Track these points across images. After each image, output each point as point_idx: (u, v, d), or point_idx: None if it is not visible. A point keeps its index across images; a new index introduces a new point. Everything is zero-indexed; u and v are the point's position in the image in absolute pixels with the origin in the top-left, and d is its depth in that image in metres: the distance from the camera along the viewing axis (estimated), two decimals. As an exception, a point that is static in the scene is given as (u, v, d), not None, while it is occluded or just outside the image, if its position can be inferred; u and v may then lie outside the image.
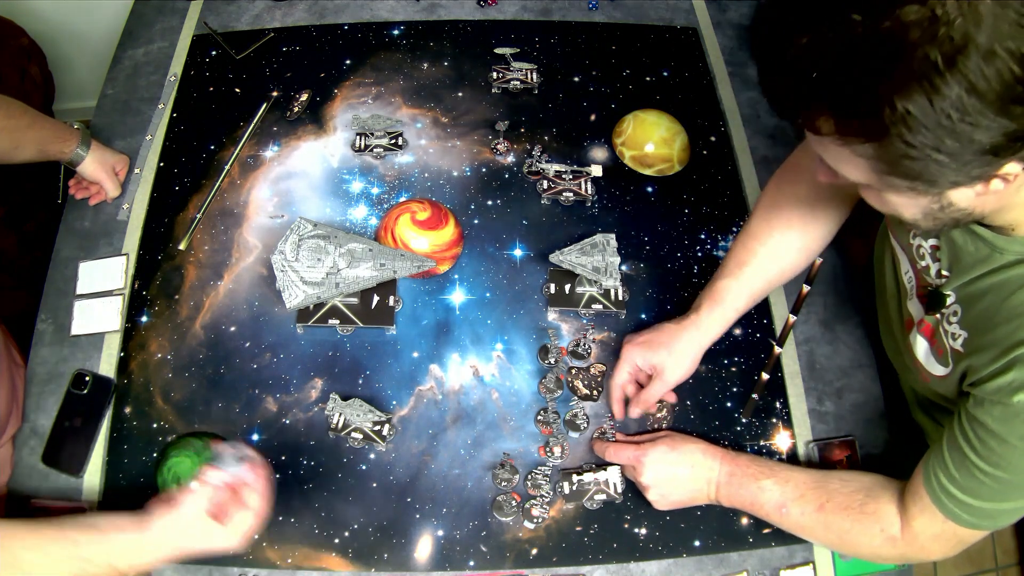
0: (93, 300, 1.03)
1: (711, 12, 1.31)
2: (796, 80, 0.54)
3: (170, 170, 1.13)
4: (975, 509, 0.71)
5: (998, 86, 0.48)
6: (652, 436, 0.92)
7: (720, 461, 0.86)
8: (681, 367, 0.91)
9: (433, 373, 0.98)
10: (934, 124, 0.50)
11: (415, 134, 1.16)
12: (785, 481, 0.83)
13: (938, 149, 0.51)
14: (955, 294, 0.74)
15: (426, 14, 1.29)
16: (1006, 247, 0.67)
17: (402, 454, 0.94)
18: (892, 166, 0.55)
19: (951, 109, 0.49)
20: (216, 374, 0.98)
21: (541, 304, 1.03)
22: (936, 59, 0.48)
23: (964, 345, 0.73)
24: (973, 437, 0.69)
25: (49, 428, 0.95)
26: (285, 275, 0.98)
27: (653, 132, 1.12)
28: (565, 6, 1.31)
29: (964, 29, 0.47)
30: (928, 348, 0.80)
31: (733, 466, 0.86)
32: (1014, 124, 0.50)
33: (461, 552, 0.89)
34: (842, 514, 0.80)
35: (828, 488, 0.81)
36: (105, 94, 1.22)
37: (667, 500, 0.88)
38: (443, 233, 1.00)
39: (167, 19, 1.29)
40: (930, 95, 0.48)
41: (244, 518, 0.77)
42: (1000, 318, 0.67)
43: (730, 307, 0.91)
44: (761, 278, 0.92)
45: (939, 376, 0.79)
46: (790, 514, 0.82)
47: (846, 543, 0.81)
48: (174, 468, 0.84)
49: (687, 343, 0.91)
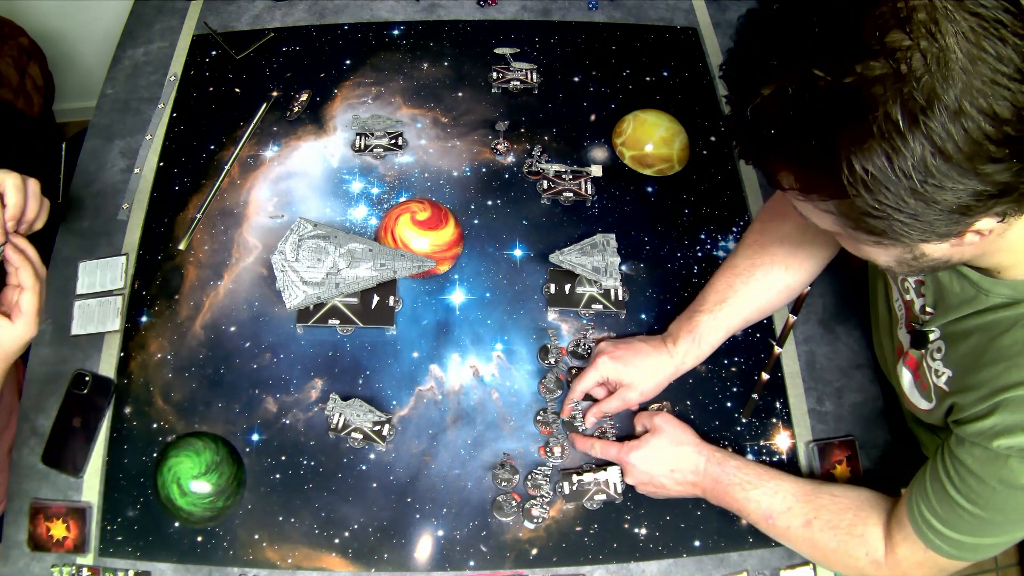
0: (93, 300, 1.03)
1: (711, 12, 1.31)
2: (757, 133, 0.52)
3: (170, 170, 1.13)
4: (955, 542, 0.70)
5: (966, 146, 0.46)
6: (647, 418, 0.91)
7: (707, 464, 0.86)
8: (647, 390, 0.92)
9: (433, 373, 0.98)
10: (895, 185, 0.48)
11: (415, 134, 1.16)
12: (774, 492, 0.82)
13: (899, 209, 0.49)
14: (939, 331, 0.74)
15: (426, 14, 1.29)
16: (992, 289, 0.65)
17: (402, 454, 0.94)
18: (856, 222, 0.53)
19: (912, 170, 0.47)
20: (216, 374, 0.98)
21: (541, 304, 1.03)
22: (897, 118, 0.46)
23: (948, 383, 0.73)
24: (954, 474, 0.69)
25: (49, 428, 0.95)
26: (285, 275, 0.98)
27: (653, 132, 1.12)
28: (565, 6, 1.31)
29: (931, 86, 0.45)
30: (912, 381, 0.80)
31: (721, 471, 0.85)
32: (983, 184, 0.48)
33: (461, 552, 0.89)
34: (829, 532, 0.79)
35: (817, 503, 0.81)
36: (105, 94, 1.22)
37: (656, 496, 0.90)
38: (443, 233, 1.00)
39: (167, 19, 1.29)
40: (890, 155, 0.47)
41: (27, 301, 0.75)
42: (985, 360, 0.66)
43: (706, 343, 0.91)
44: (739, 315, 0.91)
45: (924, 410, 0.79)
46: (776, 525, 0.82)
47: (830, 561, 0.81)
48: (174, 468, 0.84)
49: (659, 368, 0.92)
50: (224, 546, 0.89)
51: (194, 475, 0.84)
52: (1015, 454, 0.64)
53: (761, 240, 0.92)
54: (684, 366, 0.92)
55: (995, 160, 0.47)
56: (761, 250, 0.91)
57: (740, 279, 0.91)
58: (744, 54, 0.54)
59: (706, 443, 0.88)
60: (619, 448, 0.89)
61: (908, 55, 0.46)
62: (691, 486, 0.86)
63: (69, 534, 0.89)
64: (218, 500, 0.85)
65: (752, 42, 0.53)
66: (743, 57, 0.54)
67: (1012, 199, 0.50)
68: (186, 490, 0.84)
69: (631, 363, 0.91)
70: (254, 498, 0.91)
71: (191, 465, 0.84)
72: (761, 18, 0.53)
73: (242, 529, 0.90)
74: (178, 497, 0.84)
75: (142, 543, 0.89)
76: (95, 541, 0.90)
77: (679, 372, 0.93)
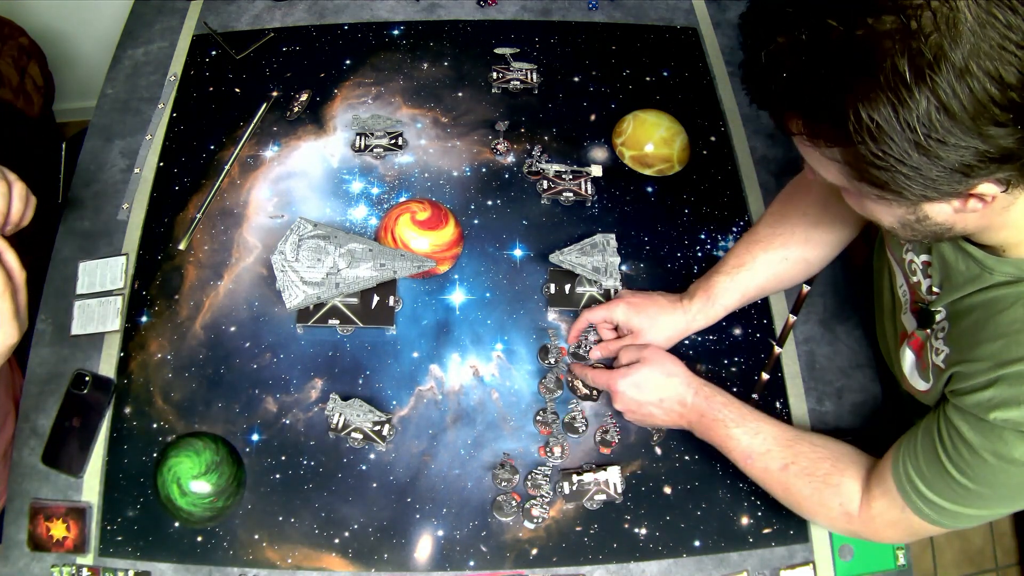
0: (93, 300, 1.03)
1: (711, 12, 1.31)
2: (769, 78, 0.55)
3: (170, 170, 1.13)
4: (937, 507, 0.71)
5: (971, 106, 0.48)
6: (631, 351, 0.92)
7: (694, 397, 0.87)
8: (657, 341, 0.94)
9: (433, 373, 0.98)
10: (899, 136, 0.49)
11: (415, 134, 1.16)
12: (755, 432, 0.84)
13: (902, 162, 0.51)
14: (945, 311, 0.74)
15: (426, 14, 1.29)
16: (995, 267, 0.66)
17: (402, 454, 0.94)
18: (860, 172, 0.55)
19: (917, 123, 0.48)
20: (216, 374, 0.98)
21: (541, 304, 1.03)
22: (904, 71, 0.47)
23: (945, 361, 0.73)
24: (948, 440, 0.69)
25: (49, 428, 0.95)
26: (285, 275, 0.98)
27: (653, 132, 1.12)
28: (565, 6, 1.31)
29: (939, 44, 0.47)
30: (914, 361, 0.80)
31: (706, 405, 0.86)
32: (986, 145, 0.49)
33: (461, 552, 0.89)
34: (804, 479, 0.80)
35: (796, 449, 0.82)
36: (105, 94, 1.22)
37: (643, 424, 0.93)
38: (443, 233, 1.00)
39: (167, 19, 1.29)
40: (896, 107, 0.48)
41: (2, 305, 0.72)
42: (985, 335, 0.67)
43: (720, 305, 0.93)
44: (756, 282, 0.93)
45: (921, 391, 0.79)
46: (754, 466, 0.84)
47: (803, 508, 0.83)
48: (174, 468, 0.84)
49: (672, 323, 0.94)
50: (224, 546, 0.89)
51: (194, 475, 0.84)
52: (1010, 427, 0.64)
53: (783, 211, 0.94)
54: (695, 324, 0.95)
55: (999, 124, 0.49)
56: (783, 219, 0.93)
57: (760, 246, 0.93)
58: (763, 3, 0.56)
59: (695, 376, 0.89)
60: (609, 375, 0.91)
61: (918, 12, 0.47)
62: (678, 416, 0.88)
63: (69, 534, 0.89)
64: (218, 500, 0.85)
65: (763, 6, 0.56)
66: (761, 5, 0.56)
67: (1015, 167, 0.52)
68: (186, 490, 0.84)
69: (645, 311, 0.95)
70: (254, 498, 0.91)
71: (191, 465, 0.84)
72: None
73: (242, 529, 0.90)
74: (178, 497, 0.84)
75: (142, 543, 0.89)
76: (95, 541, 0.90)
77: (689, 330, 0.96)
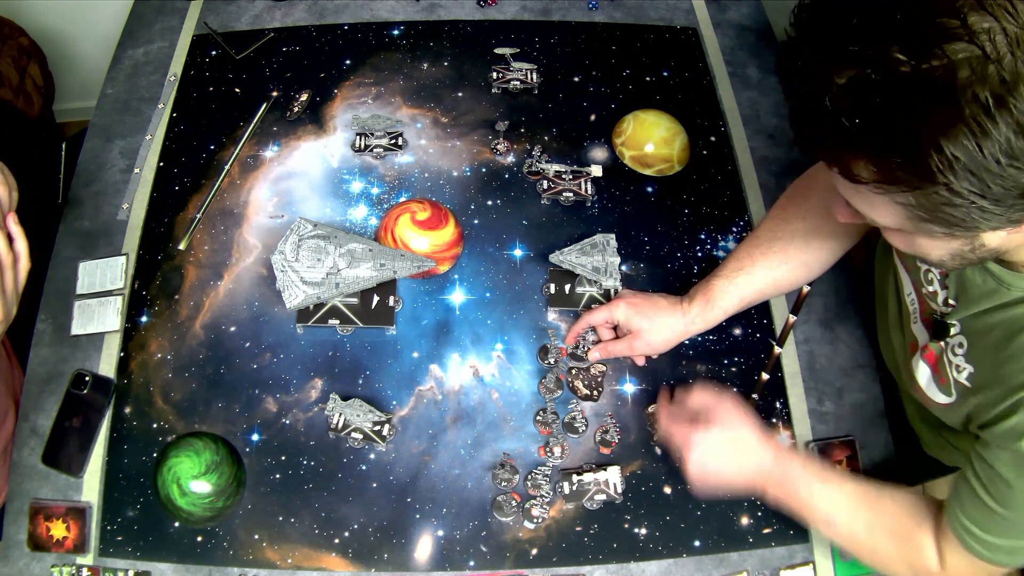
0: (93, 300, 1.03)
1: (711, 12, 1.31)
2: (834, 125, 0.50)
3: (170, 170, 1.13)
4: (991, 544, 0.70)
5: None
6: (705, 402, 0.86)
7: (773, 461, 0.82)
8: (655, 343, 0.94)
9: (433, 373, 0.98)
10: (981, 169, 0.47)
11: (415, 134, 1.16)
12: (839, 492, 0.79)
13: (983, 195, 0.49)
14: (960, 324, 0.73)
15: (426, 14, 1.29)
16: (1013, 283, 0.65)
17: (402, 454, 0.94)
18: (931, 213, 0.52)
19: (1000, 153, 0.46)
20: (216, 374, 0.98)
21: (541, 304, 1.03)
22: (986, 99, 0.45)
23: (970, 379, 0.72)
24: (984, 476, 0.68)
25: (49, 428, 0.95)
26: (285, 275, 0.98)
27: (653, 132, 1.12)
28: (565, 6, 1.31)
29: (1014, 66, 0.45)
30: (931, 375, 0.79)
31: (785, 467, 0.82)
32: None
33: (461, 552, 0.89)
34: (888, 538, 0.77)
35: (879, 508, 0.78)
36: (105, 94, 1.22)
37: (708, 485, 0.84)
38: (443, 233, 1.00)
39: (167, 19, 1.29)
40: (979, 138, 0.46)
41: None
42: (1005, 356, 0.66)
43: (719, 308, 0.92)
44: (755, 287, 0.92)
45: (942, 404, 0.78)
46: (836, 527, 0.80)
47: (886, 566, 0.79)
48: (174, 468, 0.84)
49: (671, 325, 0.93)
50: (224, 546, 0.89)
51: (194, 475, 0.84)
52: None
53: (784, 215, 0.93)
54: (693, 327, 0.93)
55: None
56: (783, 223, 0.92)
57: (759, 250, 0.92)
58: (812, 42, 0.51)
59: (767, 436, 0.84)
60: (685, 427, 0.84)
61: (992, 36, 0.45)
62: (752, 479, 0.83)
63: (69, 534, 0.89)
64: (218, 500, 0.85)
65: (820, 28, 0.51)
66: (811, 45, 0.51)
67: None
68: (186, 490, 0.84)
69: (645, 312, 0.93)
70: (254, 498, 0.91)
71: (191, 465, 0.84)
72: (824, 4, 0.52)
73: (242, 529, 0.90)
74: (178, 497, 0.84)
75: (142, 543, 0.89)
76: (95, 541, 0.90)
77: (688, 333, 0.94)
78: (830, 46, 0.50)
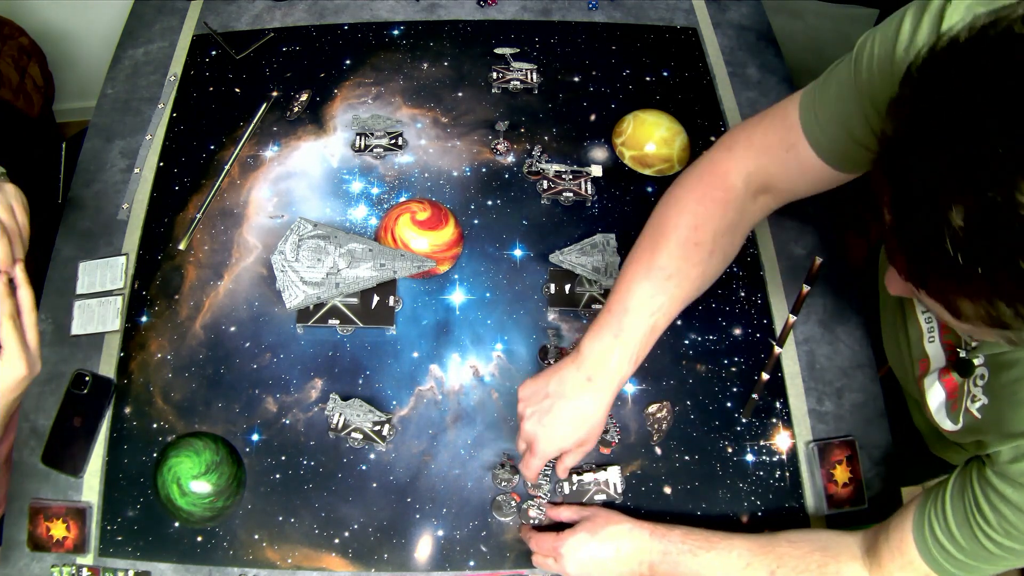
0: (93, 300, 1.03)
1: (711, 12, 1.31)
2: (952, 269, 0.45)
3: (170, 170, 1.13)
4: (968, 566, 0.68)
5: None
6: (577, 515, 0.86)
7: (650, 538, 0.80)
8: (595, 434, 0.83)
9: (433, 373, 0.98)
10: None
11: (415, 134, 1.16)
12: (728, 551, 0.77)
13: None
14: (984, 357, 0.70)
15: (426, 14, 1.29)
16: None
17: (402, 454, 0.94)
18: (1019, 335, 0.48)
19: None
20: (216, 374, 0.98)
21: (541, 304, 1.03)
22: None
23: (982, 411, 0.70)
24: (984, 503, 0.65)
25: (49, 428, 0.95)
26: (285, 275, 0.98)
27: (653, 132, 1.12)
28: (565, 6, 1.31)
29: None
30: (944, 400, 0.76)
31: (667, 543, 0.79)
32: None
33: (461, 552, 0.89)
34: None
35: (777, 552, 0.76)
36: (105, 94, 1.22)
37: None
38: (443, 233, 1.00)
39: (167, 19, 1.29)
40: None
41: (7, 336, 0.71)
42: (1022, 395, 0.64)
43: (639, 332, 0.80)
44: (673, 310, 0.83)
45: (947, 430, 0.76)
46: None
47: None
48: (174, 468, 0.84)
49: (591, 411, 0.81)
50: (224, 546, 0.89)
51: (194, 475, 0.84)
52: None
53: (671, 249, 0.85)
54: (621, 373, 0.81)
55: None
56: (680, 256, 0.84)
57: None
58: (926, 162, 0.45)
59: (637, 522, 0.82)
60: (553, 538, 0.83)
61: None
62: (638, 563, 0.80)
63: (69, 534, 0.89)
64: (218, 500, 0.85)
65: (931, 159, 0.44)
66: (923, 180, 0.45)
67: None
68: (186, 490, 0.84)
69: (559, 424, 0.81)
70: (254, 498, 0.91)
71: (191, 465, 0.84)
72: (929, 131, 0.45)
73: (242, 529, 0.90)
74: (178, 497, 0.84)
75: (142, 543, 0.89)
76: (95, 541, 0.90)
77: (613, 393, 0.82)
78: (941, 179, 0.43)
